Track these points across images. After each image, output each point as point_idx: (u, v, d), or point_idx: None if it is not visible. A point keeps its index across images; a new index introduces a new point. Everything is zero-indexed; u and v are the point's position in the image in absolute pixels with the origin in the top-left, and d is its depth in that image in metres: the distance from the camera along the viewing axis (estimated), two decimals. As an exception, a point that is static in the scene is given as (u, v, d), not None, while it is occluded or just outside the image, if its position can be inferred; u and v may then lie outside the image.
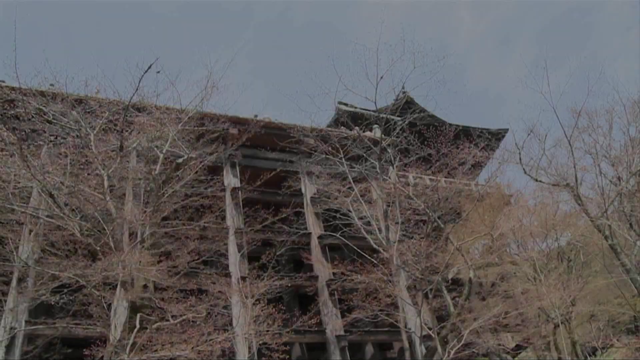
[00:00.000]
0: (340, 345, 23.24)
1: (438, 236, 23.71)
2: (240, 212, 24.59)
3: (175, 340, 14.42)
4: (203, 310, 16.27)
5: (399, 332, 24.28)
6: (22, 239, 19.88)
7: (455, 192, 24.94)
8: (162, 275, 16.13)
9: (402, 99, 24.57)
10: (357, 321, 23.27)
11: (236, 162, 26.20)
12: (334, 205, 24.69)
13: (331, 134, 24.93)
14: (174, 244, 18.99)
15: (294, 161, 27.46)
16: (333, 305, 24.01)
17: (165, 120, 19.77)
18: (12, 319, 19.28)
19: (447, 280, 24.70)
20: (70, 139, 19.42)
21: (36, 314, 20.46)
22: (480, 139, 26.09)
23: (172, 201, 19.22)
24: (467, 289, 20.86)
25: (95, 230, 16.60)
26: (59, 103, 19.62)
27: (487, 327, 22.64)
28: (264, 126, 24.70)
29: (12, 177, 17.41)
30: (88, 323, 16.93)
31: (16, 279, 19.61)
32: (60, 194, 17.05)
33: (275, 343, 17.42)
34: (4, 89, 20.03)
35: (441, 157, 24.59)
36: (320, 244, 25.76)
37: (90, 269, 15.17)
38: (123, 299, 15.92)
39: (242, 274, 22.02)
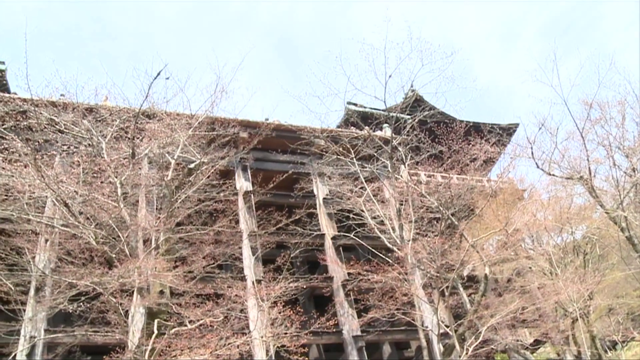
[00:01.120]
0: (357, 345, 23.22)
1: (452, 233, 23.62)
2: (254, 215, 24.65)
3: (194, 345, 14.45)
4: (220, 314, 16.28)
5: (415, 331, 24.21)
6: (38, 249, 20.01)
7: (467, 188, 24.78)
8: (178, 281, 16.18)
9: (411, 97, 24.46)
10: (374, 321, 23.23)
11: (247, 165, 26.28)
12: (347, 206, 24.66)
13: (341, 135, 24.91)
14: (189, 249, 19.05)
15: (305, 163, 27.47)
16: (349, 306, 23.99)
17: (176, 126, 19.85)
18: (31, 328, 19.44)
19: (462, 278, 24.62)
20: (83, 148, 19.56)
21: (55, 322, 20.62)
22: (491, 134, 25.97)
23: (186, 206, 19.29)
24: (483, 286, 20.74)
25: (110, 238, 16.70)
26: (70, 112, 19.77)
27: (505, 323, 22.54)
28: (274, 129, 24.74)
29: (26, 188, 17.55)
30: (106, 330, 17.00)
31: (34, 288, 19.72)
32: (74, 203, 17.18)
33: (294, 345, 17.42)
34: (16, 101, 20.23)
35: (452, 154, 24.48)
36: (334, 245, 25.76)
37: (107, 276, 15.24)
38: (140, 305, 16.01)
39: (257, 277, 22.07)
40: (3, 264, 18.17)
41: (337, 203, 25.75)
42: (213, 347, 14.49)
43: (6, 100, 20.11)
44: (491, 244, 28.58)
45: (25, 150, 17.45)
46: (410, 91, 25.14)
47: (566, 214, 25.01)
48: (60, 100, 20.45)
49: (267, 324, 18.65)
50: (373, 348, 27.14)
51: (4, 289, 17.78)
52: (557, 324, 23.49)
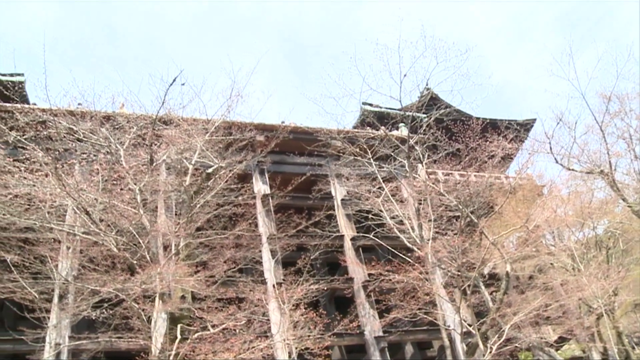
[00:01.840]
0: (379, 346, 23.12)
1: (472, 231, 23.44)
2: (272, 218, 24.67)
3: (218, 349, 14.49)
4: (242, 318, 16.32)
5: (437, 331, 24.08)
6: (60, 257, 20.20)
7: (486, 186, 24.58)
8: (200, 285, 16.25)
9: (426, 96, 24.33)
10: (396, 321, 23.11)
11: (265, 169, 26.32)
12: (365, 207, 24.59)
13: (358, 135, 24.88)
14: (210, 254, 19.13)
15: (323, 164, 27.44)
16: (370, 307, 23.90)
17: (193, 131, 19.98)
18: (56, 335, 19.63)
19: (483, 276, 24.43)
20: (101, 156, 19.75)
21: (79, 329, 20.80)
22: (508, 130, 25.74)
23: (205, 211, 19.38)
24: (504, 283, 20.56)
25: (131, 244, 16.83)
26: (88, 121, 20.00)
27: (528, 320, 22.31)
28: (291, 131, 24.79)
29: (47, 197, 17.75)
30: (130, 336, 17.11)
31: (57, 296, 19.88)
32: (95, 211, 17.34)
33: (318, 347, 17.40)
34: (35, 111, 20.48)
35: (470, 152, 24.32)
36: (354, 246, 25.68)
37: (130, 282, 15.36)
38: (162, 310, 16.10)
39: (277, 280, 22.07)
40: (28, 272, 18.38)
41: (355, 204, 25.69)
42: (237, 350, 14.53)
43: (26, 111, 20.35)
44: (511, 241, 28.31)
45: (46, 160, 17.67)
46: (425, 90, 25.03)
47: (587, 208, 24.71)
48: (78, 109, 20.72)
49: (288, 326, 18.63)
50: (395, 348, 27.02)
51: (29, 297, 18.00)
52: (582, 320, 23.21)
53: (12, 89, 21.93)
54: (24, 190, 17.88)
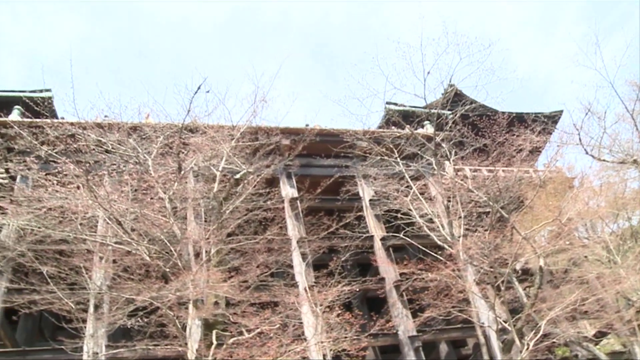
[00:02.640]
0: (414, 345, 22.99)
1: (503, 227, 23.16)
2: (301, 221, 24.71)
3: (255, 354, 14.55)
4: (276, 322, 16.36)
5: (472, 329, 23.84)
6: (94, 267, 20.49)
7: (515, 180, 24.28)
8: (234, 291, 16.34)
9: (450, 92, 24.14)
10: (430, 320, 22.95)
11: (291, 172, 26.38)
12: (394, 206, 24.48)
13: (383, 135, 24.80)
14: (242, 259, 19.24)
15: (350, 166, 27.41)
16: (403, 307, 23.77)
17: (219, 138, 20.14)
18: (93, 344, 19.90)
19: (516, 271, 24.11)
20: (130, 166, 20.02)
21: (115, 338, 21.07)
22: (535, 123, 25.41)
23: (235, 217, 19.50)
24: (538, 278, 20.28)
25: (163, 253, 17.01)
26: (115, 132, 20.30)
27: (564, 315, 21.92)
28: (317, 134, 24.81)
29: (80, 209, 18.05)
30: (165, 343, 17.27)
31: (92, 305, 20.15)
32: (126, 220, 17.57)
33: (355, 348, 17.36)
34: (65, 125, 20.85)
35: (497, 147, 24.07)
36: (384, 246, 25.58)
37: (164, 290, 15.51)
38: (195, 317, 16.23)
39: (309, 283, 22.09)
40: (64, 283, 18.70)
41: (383, 204, 25.59)
42: (273, 354, 14.56)
43: (56, 126, 20.73)
44: (542, 235, 27.88)
45: (77, 172, 17.97)
46: (449, 86, 24.85)
47: (621, 199, 24.25)
48: (106, 121, 21.04)
49: (322, 329, 18.61)
50: (429, 348, 26.84)
51: (66, 308, 18.30)
52: (621, 314, 22.71)
53: (41, 104, 22.37)
54: (57, 203, 18.22)
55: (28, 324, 25.08)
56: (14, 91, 28.40)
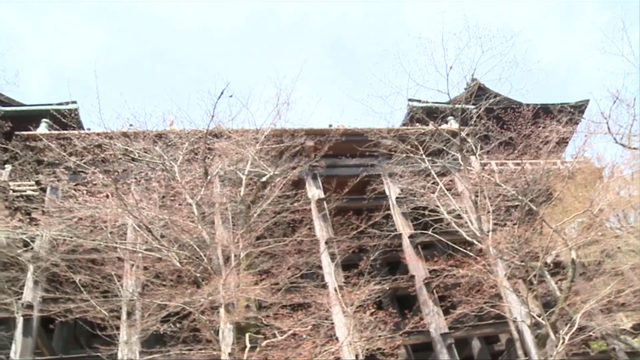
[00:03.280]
0: (446, 343, 22.79)
1: (531, 220, 22.87)
2: (329, 222, 24.69)
3: (290, 355, 14.58)
4: (308, 323, 16.37)
5: (504, 324, 23.59)
6: (125, 274, 20.73)
7: (543, 172, 23.94)
8: (265, 293, 16.40)
9: (473, 87, 23.97)
10: (461, 317, 22.75)
11: (317, 173, 26.39)
12: (421, 203, 24.34)
13: (408, 132, 24.70)
14: (271, 261, 19.30)
15: (375, 164, 27.33)
16: (434, 304, 23.58)
17: (243, 142, 20.24)
18: (127, 350, 20.13)
19: (547, 265, 23.78)
20: (158, 174, 20.21)
21: (148, 344, 21.28)
22: (561, 114, 25.06)
23: (263, 220, 19.57)
24: (571, 271, 20.01)
25: (193, 258, 17.14)
26: (141, 141, 20.52)
27: (599, 308, 21.55)
28: (342, 134, 24.78)
29: (109, 217, 18.29)
30: (199, 348, 17.40)
31: (125, 312, 20.36)
32: (156, 227, 17.75)
33: (389, 347, 17.30)
34: (91, 136, 21.18)
35: (523, 139, 23.81)
36: (412, 244, 25.41)
37: (197, 295, 15.64)
38: (228, 321, 16.32)
39: (338, 283, 22.06)
40: (97, 291, 18.99)
41: (410, 201, 25.45)
42: (307, 355, 14.58)
43: (83, 136, 21.06)
44: (573, 227, 27.46)
45: (106, 182, 18.22)
46: (471, 81, 24.66)
47: (654, 187, 23.75)
48: (131, 130, 21.29)
49: (353, 329, 18.57)
50: (462, 344, 26.57)
51: (100, 315, 18.57)
52: (660, 305, 22.24)
53: (68, 116, 22.76)
54: (87, 213, 18.49)
55: (64, 332, 25.52)
56: (41, 105, 29.03)
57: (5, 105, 28.92)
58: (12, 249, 22.01)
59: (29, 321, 21.14)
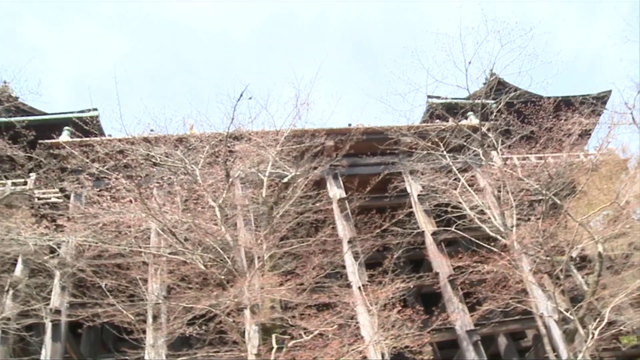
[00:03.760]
0: (472, 340, 22.58)
1: (556, 214, 22.61)
2: (351, 221, 24.62)
3: (318, 355, 14.59)
4: (335, 322, 16.35)
5: (530, 320, 23.31)
6: (150, 278, 20.89)
7: (566, 165, 23.66)
8: (291, 294, 16.42)
9: (493, 81, 23.79)
10: (487, 313, 22.55)
11: (337, 173, 26.34)
12: (443, 200, 24.18)
13: (428, 129, 24.58)
14: (295, 262, 19.32)
15: (396, 162, 27.21)
16: (459, 301, 23.37)
17: (264, 143, 20.30)
18: (154, 354, 20.26)
19: (573, 259, 23.50)
20: (180, 177, 20.36)
21: (176, 346, 21.43)
22: (583, 106, 24.78)
23: (286, 221, 19.60)
24: (598, 265, 19.74)
25: (218, 260, 17.22)
26: (162, 145, 20.69)
27: (629, 302, 21.23)
28: (362, 133, 24.73)
29: (133, 222, 18.45)
30: (225, 350, 17.48)
31: (151, 316, 20.51)
32: (180, 231, 17.86)
33: (417, 344, 17.22)
34: (113, 141, 21.40)
35: (545, 133, 23.57)
36: (436, 241, 25.23)
37: (223, 297, 15.71)
38: (253, 322, 16.37)
39: (362, 282, 21.99)
40: (123, 295, 19.17)
41: (432, 198, 25.26)
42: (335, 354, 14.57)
43: (105, 143, 21.29)
44: (598, 220, 27.08)
45: (129, 187, 18.39)
46: (490, 75, 24.49)
47: (682, 177, 23.29)
48: (152, 135, 21.48)
49: (379, 328, 18.51)
50: (488, 341, 26.33)
51: (126, 320, 18.74)
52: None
53: (90, 123, 23.03)
54: (112, 218, 18.68)
55: (91, 337, 25.81)
56: (63, 113, 29.48)
57: (29, 114, 29.35)
58: (39, 256, 22.35)
59: (57, 326, 21.41)
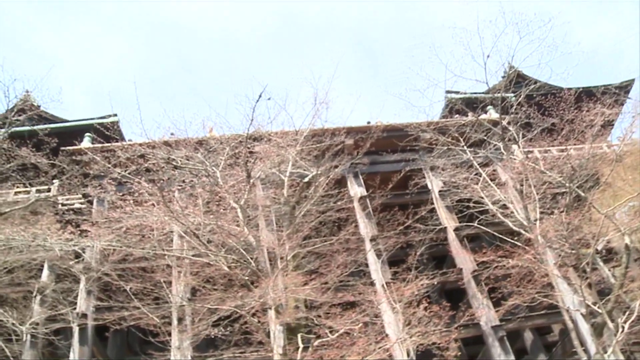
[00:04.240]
0: (498, 335, 22.39)
1: (580, 207, 22.33)
2: (372, 219, 24.56)
3: (346, 353, 14.58)
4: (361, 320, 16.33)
5: (556, 314, 23.06)
6: (174, 281, 21.05)
7: (589, 157, 23.34)
8: (315, 293, 16.43)
9: (512, 74, 23.53)
10: (513, 308, 22.32)
11: (358, 171, 26.31)
12: (464, 195, 24.02)
13: (448, 124, 24.42)
14: (319, 261, 19.32)
15: (416, 159, 27.12)
16: (483, 296, 23.18)
17: (284, 143, 20.35)
18: (180, 356, 20.39)
19: (599, 252, 23.20)
20: (201, 180, 20.48)
21: (201, 348, 21.54)
22: (605, 96, 24.43)
23: (308, 220, 19.61)
24: (625, 257, 19.43)
25: (241, 261, 17.28)
26: (182, 149, 20.82)
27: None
28: (382, 130, 24.68)
29: (156, 225, 18.60)
30: (251, 350, 17.54)
31: (176, 318, 20.64)
32: (203, 233, 17.96)
33: (445, 341, 17.12)
34: (134, 146, 21.59)
35: (566, 125, 23.29)
36: (458, 237, 25.04)
37: (248, 297, 15.77)
38: (278, 322, 16.41)
39: (385, 280, 21.92)
40: (149, 299, 19.34)
41: (453, 194, 25.11)
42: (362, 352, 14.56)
43: (126, 148, 21.49)
44: (624, 212, 26.67)
45: (152, 190, 18.53)
46: (509, 68, 24.27)
47: None
48: (172, 139, 21.63)
49: (403, 325, 18.43)
50: (514, 337, 26.06)
51: (152, 322, 18.91)
52: None
53: (110, 129, 23.26)
54: (135, 222, 18.84)
55: (117, 340, 26.03)
56: (84, 120, 29.88)
57: (50, 122, 29.73)
58: (65, 261, 22.65)
59: (84, 330, 21.68)
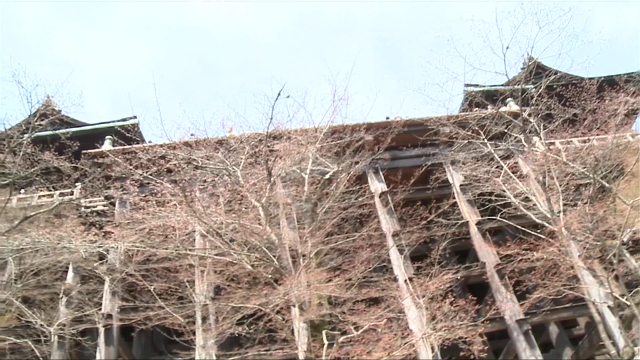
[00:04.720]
0: (522, 329, 22.15)
1: (604, 198, 22.03)
2: (394, 215, 24.45)
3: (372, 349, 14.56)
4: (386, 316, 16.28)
5: (582, 307, 22.78)
6: (197, 280, 21.17)
7: (612, 147, 23.00)
8: (339, 290, 16.42)
9: (532, 65, 23.27)
10: (538, 301, 22.08)
11: (378, 167, 26.22)
12: (486, 189, 23.81)
13: (468, 118, 24.24)
14: (342, 258, 19.31)
15: (437, 153, 26.96)
16: (507, 290, 22.95)
17: (303, 141, 20.35)
18: (205, 354, 20.51)
19: (625, 243, 22.85)
20: (222, 179, 20.57)
21: (225, 347, 21.65)
22: (628, 84, 24.09)
23: (330, 217, 19.60)
24: (653, 248, 19.15)
25: (264, 260, 17.33)
26: (202, 149, 20.93)
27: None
28: (403, 125, 24.55)
29: (179, 225, 18.71)
30: (276, 348, 17.58)
31: (200, 317, 20.75)
32: (225, 232, 18.04)
33: (471, 335, 17.01)
34: (155, 147, 21.75)
35: (588, 115, 22.99)
36: (480, 231, 24.79)
37: (272, 295, 15.82)
38: (302, 320, 16.43)
39: (408, 276, 21.82)
40: (173, 298, 19.48)
41: (475, 187, 24.90)
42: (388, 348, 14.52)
43: (147, 149, 21.66)
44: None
45: (174, 191, 18.66)
46: (528, 59, 24.02)
47: None
48: (192, 139, 21.75)
49: (427, 320, 18.32)
50: (539, 330, 25.81)
51: (177, 322, 19.04)
52: None
53: (131, 131, 23.45)
54: (158, 223, 18.97)
55: (142, 340, 26.31)
56: (104, 122, 30.23)
57: (72, 126, 30.04)
58: (89, 263, 22.90)
59: (109, 330, 21.90)
